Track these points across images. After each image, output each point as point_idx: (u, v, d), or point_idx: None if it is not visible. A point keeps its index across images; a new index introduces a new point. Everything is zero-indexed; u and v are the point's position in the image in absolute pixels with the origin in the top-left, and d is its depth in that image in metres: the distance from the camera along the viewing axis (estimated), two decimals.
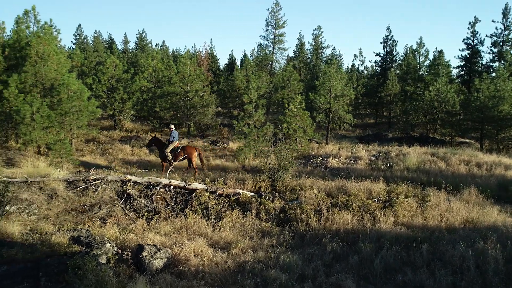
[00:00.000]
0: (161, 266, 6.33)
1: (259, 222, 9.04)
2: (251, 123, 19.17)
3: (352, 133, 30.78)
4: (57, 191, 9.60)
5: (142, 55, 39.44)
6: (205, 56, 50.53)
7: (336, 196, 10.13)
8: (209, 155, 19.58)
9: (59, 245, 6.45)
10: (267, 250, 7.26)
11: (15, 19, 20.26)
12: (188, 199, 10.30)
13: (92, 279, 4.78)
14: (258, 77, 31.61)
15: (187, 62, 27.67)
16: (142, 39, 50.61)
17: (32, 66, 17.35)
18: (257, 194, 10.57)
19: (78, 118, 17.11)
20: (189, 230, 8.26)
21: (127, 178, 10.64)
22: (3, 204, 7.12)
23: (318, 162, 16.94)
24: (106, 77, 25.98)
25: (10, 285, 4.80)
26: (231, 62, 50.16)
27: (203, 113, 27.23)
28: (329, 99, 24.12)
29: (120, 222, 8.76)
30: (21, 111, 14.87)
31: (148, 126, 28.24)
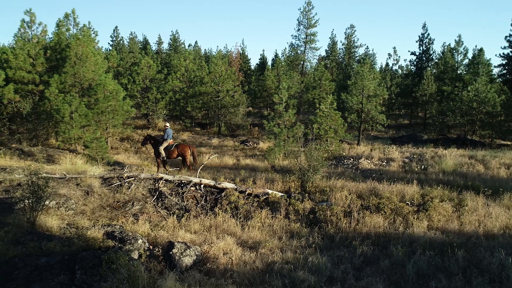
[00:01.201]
0: (191, 264, 6.43)
1: (288, 223, 9.00)
2: (282, 123, 19.11)
3: (385, 134, 30.05)
4: (93, 187, 9.97)
5: (175, 56, 40.22)
6: (237, 56, 50.91)
7: (367, 199, 9.92)
8: (239, 155, 19.71)
9: (94, 239, 6.68)
10: (296, 251, 7.21)
11: (56, 22, 21.23)
12: (217, 198, 10.40)
13: (125, 274, 4.92)
14: (289, 77, 31.49)
15: (219, 62, 27.95)
16: (175, 40, 51.61)
17: (72, 67, 18.09)
18: (286, 194, 10.53)
19: (113, 117, 17.69)
20: (219, 229, 8.35)
21: (159, 176, 10.88)
22: (43, 199, 7.44)
23: (349, 163, 16.66)
24: (141, 78, 26.70)
25: (49, 276, 5.02)
26: (262, 62, 50.24)
27: (233, 113, 27.43)
28: (361, 99, 23.66)
29: (152, 219, 8.98)
30: (61, 110, 15.54)
31: (180, 125, 28.78)
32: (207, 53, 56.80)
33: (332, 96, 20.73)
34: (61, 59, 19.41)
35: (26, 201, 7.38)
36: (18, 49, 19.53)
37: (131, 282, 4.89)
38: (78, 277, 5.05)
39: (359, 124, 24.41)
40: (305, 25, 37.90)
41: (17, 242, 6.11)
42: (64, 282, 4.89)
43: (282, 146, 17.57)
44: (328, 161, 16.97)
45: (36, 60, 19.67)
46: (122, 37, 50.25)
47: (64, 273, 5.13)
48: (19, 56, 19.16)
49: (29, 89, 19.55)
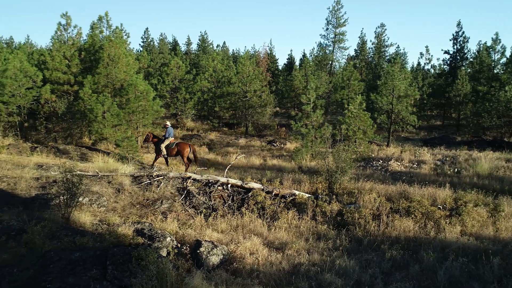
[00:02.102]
0: (217, 263, 6.49)
1: (315, 224, 8.93)
2: (309, 124, 18.98)
3: (416, 136, 29.25)
4: (123, 185, 10.24)
5: (204, 56, 40.74)
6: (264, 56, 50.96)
7: (397, 202, 9.69)
8: (266, 155, 19.72)
9: (124, 236, 6.86)
10: (323, 253, 7.14)
11: (90, 25, 21.94)
12: (244, 198, 10.45)
13: (154, 271, 5.02)
14: (317, 77, 31.24)
15: (246, 62, 28.09)
16: (203, 41, 52.26)
17: (104, 68, 18.66)
18: (313, 195, 10.45)
19: (144, 117, 18.11)
20: (245, 229, 8.38)
21: (187, 176, 11.05)
22: (77, 196, 7.71)
23: (378, 165, 16.33)
24: (170, 78, 27.22)
25: (82, 271, 5.19)
26: (290, 62, 50.07)
27: (261, 113, 27.50)
28: (391, 100, 23.13)
29: (180, 217, 9.13)
30: (94, 110, 16.06)
31: (208, 125, 29.12)
32: (235, 53, 57.19)
33: (361, 96, 20.38)
34: (95, 60, 20.07)
35: (61, 197, 7.66)
36: (55, 51, 20.35)
37: (159, 279, 4.98)
38: (110, 272, 5.20)
39: (388, 125, 23.87)
40: (333, 24, 37.49)
41: (53, 236, 6.36)
42: (96, 277, 5.04)
43: (309, 146, 17.45)
44: (357, 162, 16.69)
45: (71, 62, 20.43)
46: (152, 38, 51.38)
47: (96, 268, 5.28)
48: (56, 57, 19.97)
49: (64, 90, 20.35)
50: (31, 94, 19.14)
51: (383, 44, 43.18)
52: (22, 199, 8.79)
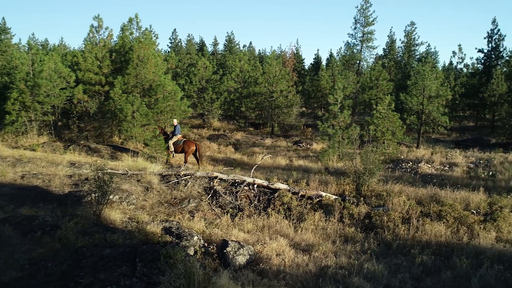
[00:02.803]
0: (244, 263, 6.50)
1: (342, 227, 8.79)
2: (336, 124, 18.74)
3: (448, 137, 28.33)
4: (152, 184, 10.44)
5: (230, 57, 40.99)
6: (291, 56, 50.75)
7: (428, 205, 9.41)
8: (292, 156, 19.63)
9: (153, 234, 6.98)
10: (350, 256, 7.02)
11: (121, 27, 22.50)
12: (270, 198, 10.43)
13: (181, 269, 5.07)
14: (344, 76, 30.82)
15: (273, 62, 28.05)
16: (230, 41, 52.60)
17: (134, 69, 19.08)
18: (340, 197, 10.30)
19: (171, 116, 18.40)
20: (271, 230, 8.36)
21: (214, 175, 11.14)
22: (108, 194, 7.90)
23: (407, 167, 15.93)
24: (197, 78, 27.55)
25: (113, 267, 5.32)
26: (317, 61, 49.64)
27: (287, 113, 27.39)
28: (422, 100, 22.51)
29: (206, 216, 9.21)
30: (124, 110, 16.45)
31: (234, 125, 29.27)
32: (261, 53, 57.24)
33: (390, 96, 19.93)
34: (125, 61, 20.56)
35: (93, 195, 7.89)
36: (87, 52, 20.99)
37: (187, 277, 5.03)
38: (139, 269, 5.29)
39: (419, 126, 23.24)
40: (362, 23, 36.89)
41: (85, 233, 6.55)
42: (126, 273, 5.15)
43: (336, 147, 17.23)
44: (385, 164, 16.34)
45: (103, 63, 21.01)
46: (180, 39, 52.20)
47: (126, 264, 5.39)
48: (88, 59, 20.59)
49: (96, 90, 20.95)
50: (64, 94, 19.82)
51: (413, 43, 42.05)
52: (56, 196, 9.11)
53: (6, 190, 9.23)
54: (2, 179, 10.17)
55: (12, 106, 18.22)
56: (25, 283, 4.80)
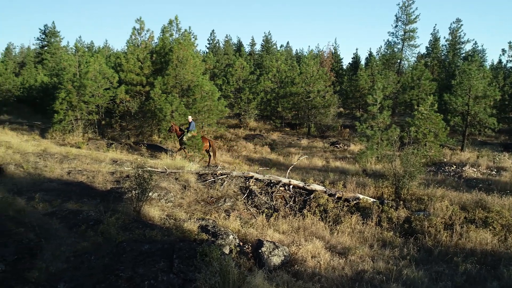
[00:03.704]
0: (279, 264, 6.48)
1: (380, 231, 8.56)
2: (375, 125, 18.26)
3: (495, 140, 26.80)
4: (189, 182, 10.65)
5: (267, 57, 41.02)
6: (328, 55, 50.07)
7: (472, 211, 8.96)
8: (328, 157, 19.35)
9: (190, 231, 7.12)
10: (388, 261, 6.82)
11: (161, 28, 23.13)
12: (306, 199, 10.34)
13: (217, 267, 5.13)
14: (384, 76, 30.00)
15: (310, 62, 27.78)
16: (267, 41, 52.65)
17: (173, 70, 19.56)
18: (378, 200, 10.03)
19: (209, 116, 18.70)
20: (307, 231, 8.28)
21: (250, 175, 11.20)
22: (148, 191, 8.16)
23: (451, 171, 15.24)
24: (234, 79, 27.80)
25: (151, 262, 5.47)
26: (355, 61, 48.65)
27: (324, 114, 27.02)
28: (467, 101, 21.46)
29: (242, 216, 9.27)
30: (163, 109, 16.90)
31: (270, 125, 29.27)
32: (299, 53, 56.91)
33: (432, 97, 19.15)
34: (165, 62, 21.12)
35: (133, 191, 8.16)
36: (129, 54, 21.76)
37: (222, 275, 5.08)
38: (176, 265, 5.41)
39: (463, 128, 22.17)
40: (403, 21, 35.74)
41: (125, 228, 6.80)
42: (163, 269, 5.28)
43: (374, 149, 16.80)
44: (427, 167, 15.72)
45: (144, 64, 21.70)
46: (218, 40, 52.91)
47: (164, 260, 5.53)
48: (130, 60, 21.34)
49: (137, 90, 21.67)
50: (108, 94, 20.66)
51: (459, 40, 40.18)
52: (99, 192, 9.51)
53: (54, 185, 9.75)
54: (50, 175, 10.76)
55: (60, 106, 19.23)
56: (70, 275, 5.04)
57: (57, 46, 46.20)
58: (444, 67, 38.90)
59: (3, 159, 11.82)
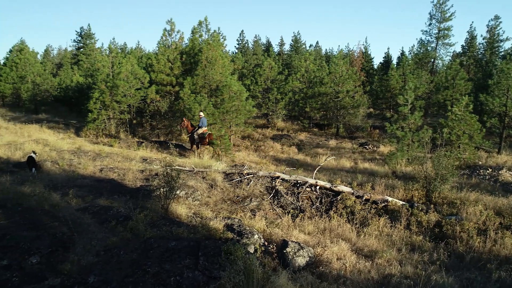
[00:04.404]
0: (303, 264, 6.45)
1: (409, 234, 8.34)
2: (406, 126, 17.79)
3: None
4: (216, 181, 10.77)
5: (296, 57, 40.84)
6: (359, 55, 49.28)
7: (509, 217, 8.57)
8: (357, 158, 19.05)
9: (215, 230, 7.20)
10: (417, 266, 6.64)
11: (191, 30, 23.50)
12: (333, 201, 10.22)
13: (241, 266, 5.17)
14: (416, 76, 29.20)
15: (339, 62, 27.42)
16: (296, 41, 52.41)
17: (202, 70, 19.84)
18: (408, 203, 9.78)
19: (236, 116, 18.83)
20: (333, 233, 8.19)
21: (276, 175, 11.19)
22: (175, 189, 8.31)
23: (486, 174, 14.64)
24: (263, 79, 27.84)
25: (177, 259, 5.58)
26: (387, 60, 47.60)
27: (353, 114, 26.59)
28: (505, 101, 20.53)
29: (267, 215, 9.28)
30: (192, 109, 17.18)
31: (298, 125, 29.13)
32: (328, 53, 56.29)
33: (467, 97, 18.45)
34: (194, 63, 21.46)
35: (161, 189, 8.34)
36: (160, 55, 22.26)
37: (246, 274, 5.11)
38: (201, 263, 5.49)
39: (500, 129, 21.22)
40: (438, 18, 34.61)
41: (153, 225, 6.96)
42: (189, 266, 5.37)
43: (405, 151, 16.37)
44: (460, 170, 15.18)
45: (174, 64, 22.13)
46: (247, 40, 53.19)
47: (189, 257, 5.62)
48: (161, 61, 21.81)
49: (167, 90, 22.14)
50: (139, 94, 21.22)
51: (497, 38, 38.48)
52: (129, 189, 9.79)
53: (87, 182, 10.12)
54: (84, 172, 11.17)
55: (94, 105, 19.92)
56: (100, 268, 5.22)
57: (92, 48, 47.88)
58: (480, 66, 37.39)
59: (41, 156, 12.38)
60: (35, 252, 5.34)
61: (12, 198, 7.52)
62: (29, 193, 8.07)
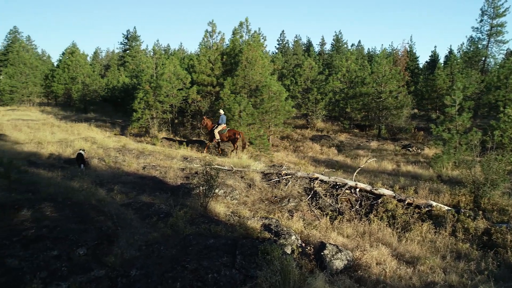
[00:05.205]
0: (341, 268, 6.33)
1: (455, 241, 7.96)
2: (453, 128, 16.97)
3: None
4: (254, 181, 10.83)
5: (337, 56, 40.18)
6: (403, 54, 47.64)
7: None
8: (399, 160, 18.43)
9: (253, 229, 7.24)
10: (462, 275, 6.31)
11: (232, 31, 23.79)
12: (373, 204, 9.96)
13: (278, 266, 5.16)
14: (465, 75, 27.79)
15: (383, 61, 26.64)
16: (338, 40, 51.58)
17: (242, 70, 20.01)
18: (454, 209, 9.32)
19: (275, 116, 18.83)
20: (372, 237, 7.98)
21: (315, 176, 11.07)
22: (214, 188, 8.46)
23: None
24: (302, 79, 27.64)
25: (215, 256, 5.67)
26: (433, 59, 45.71)
27: (396, 115, 25.72)
28: None
29: (305, 217, 9.20)
30: (232, 109, 17.38)
31: (338, 126, 28.64)
32: (370, 52, 54.93)
33: None
34: (234, 63, 21.70)
35: (201, 188, 8.51)
36: (202, 56, 22.72)
37: (283, 275, 5.10)
38: (238, 261, 5.54)
39: None
40: (490, 15, 32.77)
41: (192, 222, 7.12)
42: (226, 264, 5.44)
43: (452, 154, 15.62)
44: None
45: (215, 65, 22.50)
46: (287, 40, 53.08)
47: (227, 256, 5.69)
48: (202, 61, 22.26)
49: (207, 90, 22.55)
50: (181, 94, 21.78)
51: None
52: (170, 187, 10.07)
53: (131, 178, 10.53)
54: (128, 169, 11.63)
55: (138, 105, 20.68)
56: (142, 262, 5.41)
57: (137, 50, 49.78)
58: None
59: (89, 153, 13.04)
60: (82, 244, 5.62)
61: (62, 193, 7.97)
62: (77, 188, 8.53)
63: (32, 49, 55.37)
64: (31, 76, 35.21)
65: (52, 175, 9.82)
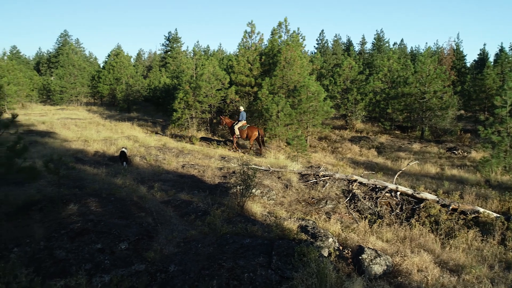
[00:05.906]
0: (380, 273, 6.15)
1: (504, 251, 7.50)
2: (503, 131, 16.01)
3: None
4: (291, 182, 10.77)
5: (378, 56, 39.14)
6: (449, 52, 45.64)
7: None
8: (444, 163, 17.65)
9: (289, 230, 7.19)
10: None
11: (271, 31, 23.86)
12: (415, 208, 9.59)
13: (314, 268, 5.10)
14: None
15: (427, 60, 25.60)
16: (379, 39, 50.25)
17: (281, 70, 19.98)
18: (503, 216, 8.79)
19: (314, 117, 18.64)
20: (414, 242, 7.69)
21: (353, 178, 10.84)
22: (251, 187, 8.49)
23: None
24: (342, 79, 27.16)
25: (251, 256, 5.69)
26: (482, 58, 43.42)
27: (441, 116, 24.62)
28: None
29: (343, 219, 9.03)
30: (270, 109, 17.40)
31: (379, 127, 27.88)
32: (414, 51, 53.06)
33: None
34: (273, 64, 21.70)
35: (238, 187, 8.58)
36: (240, 56, 22.92)
37: (319, 277, 5.03)
38: (274, 262, 5.53)
39: None
40: None
41: (229, 221, 7.19)
42: (262, 264, 5.44)
43: (501, 157, 14.74)
44: None
45: (253, 65, 22.62)
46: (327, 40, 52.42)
47: (263, 256, 5.70)
48: (240, 62, 22.45)
49: (246, 91, 22.71)
50: (219, 94, 22.08)
51: None
52: (208, 185, 10.23)
53: (170, 177, 10.81)
54: (167, 167, 11.94)
55: (178, 105, 21.20)
56: (180, 259, 5.53)
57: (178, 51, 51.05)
58: None
59: (131, 151, 13.52)
60: (124, 238, 5.84)
61: (106, 189, 8.32)
62: (120, 185, 8.87)
63: (80, 51, 58.35)
64: (79, 77, 37.12)
65: (97, 171, 10.27)
